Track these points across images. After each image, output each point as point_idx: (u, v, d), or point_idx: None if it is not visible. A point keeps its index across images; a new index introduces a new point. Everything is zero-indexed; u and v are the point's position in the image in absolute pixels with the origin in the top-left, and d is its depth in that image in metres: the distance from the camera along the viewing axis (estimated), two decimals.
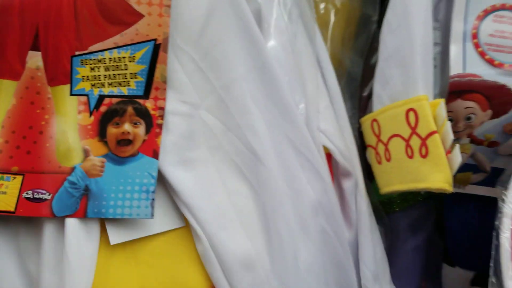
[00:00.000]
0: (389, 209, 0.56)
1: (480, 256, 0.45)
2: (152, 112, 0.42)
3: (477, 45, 0.45)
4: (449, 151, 0.40)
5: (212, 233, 0.41)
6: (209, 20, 0.43)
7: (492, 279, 0.36)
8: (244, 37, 0.43)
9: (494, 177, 0.48)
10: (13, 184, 0.39)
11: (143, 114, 0.41)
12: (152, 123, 0.41)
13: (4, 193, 0.39)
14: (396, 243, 0.55)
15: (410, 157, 0.42)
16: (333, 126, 0.47)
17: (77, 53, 0.41)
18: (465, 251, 0.55)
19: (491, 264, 0.36)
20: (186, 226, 0.42)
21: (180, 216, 0.42)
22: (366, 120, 0.48)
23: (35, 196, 0.39)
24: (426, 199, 0.57)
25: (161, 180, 0.42)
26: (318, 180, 0.44)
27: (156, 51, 0.42)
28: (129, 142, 0.41)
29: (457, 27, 0.46)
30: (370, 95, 0.57)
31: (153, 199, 0.40)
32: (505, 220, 0.37)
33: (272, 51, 0.45)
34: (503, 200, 0.38)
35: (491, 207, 0.45)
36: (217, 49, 0.43)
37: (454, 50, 0.46)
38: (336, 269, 0.44)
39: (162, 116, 0.42)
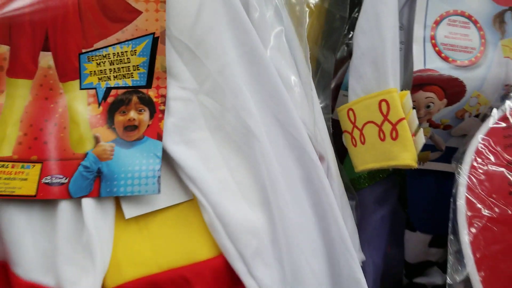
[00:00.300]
0: (359, 185, 0.59)
1: (437, 221, 0.50)
2: (155, 99, 0.43)
3: (434, 45, 0.49)
4: (414, 134, 0.44)
5: (217, 203, 0.42)
6: (201, 11, 0.44)
7: (451, 236, 0.40)
8: (234, 25, 0.45)
9: (448, 155, 0.50)
10: (33, 171, 0.41)
11: (147, 102, 0.43)
12: (155, 109, 0.43)
13: (25, 179, 0.41)
14: (365, 214, 0.57)
15: (383, 140, 0.45)
16: (308, 115, 0.47)
17: (83, 50, 0.43)
18: (424, 218, 0.59)
19: (450, 225, 0.40)
20: (194, 200, 0.43)
21: (187, 191, 0.43)
22: (342, 109, 0.50)
23: (53, 181, 0.41)
24: (391, 175, 0.60)
25: (170, 160, 0.43)
26: (306, 158, 0.44)
27: (155, 43, 0.43)
28: (135, 127, 0.43)
29: (418, 30, 0.49)
30: (336, 86, 0.59)
31: (159, 177, 0.41)
32: (460, 189, 0.41)
33: (271, 38, 0.46)
34: (458, 173, 0.42)
35: (446, 180, 0.49)
36: (210, 36, 0.44)
37: (416, 49, 0.49)
38: (332, 242, 0.44)
39: (164, 103, 0.43)
